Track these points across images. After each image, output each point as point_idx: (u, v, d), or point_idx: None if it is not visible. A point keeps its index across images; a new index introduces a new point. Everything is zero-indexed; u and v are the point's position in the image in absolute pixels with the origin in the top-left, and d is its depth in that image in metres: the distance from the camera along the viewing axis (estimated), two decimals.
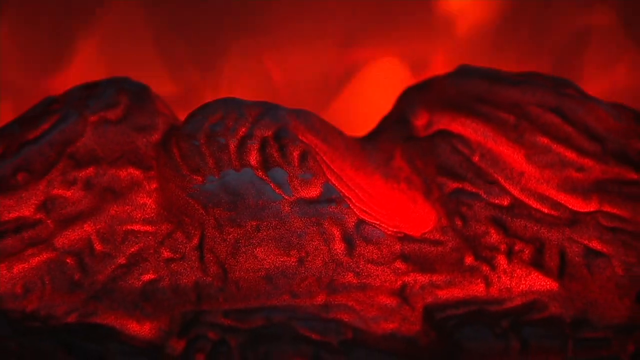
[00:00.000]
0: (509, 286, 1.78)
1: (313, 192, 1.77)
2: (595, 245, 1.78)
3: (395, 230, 1.80)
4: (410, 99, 1.99)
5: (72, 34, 2.72)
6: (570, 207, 1.82)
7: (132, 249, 1.78)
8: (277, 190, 1.75)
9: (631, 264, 1.77)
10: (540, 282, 1.78)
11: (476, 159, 1.87)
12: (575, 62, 2.80)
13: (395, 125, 1.98)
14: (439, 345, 1.73)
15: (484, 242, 1.79)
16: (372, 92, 2.85)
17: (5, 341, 1.68)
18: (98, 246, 1.78)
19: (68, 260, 1.77)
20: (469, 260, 1.79)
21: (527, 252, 1.79)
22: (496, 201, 1.82)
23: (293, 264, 1.75)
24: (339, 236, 1.76)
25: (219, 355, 1.68)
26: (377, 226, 1.78)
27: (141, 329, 1.74)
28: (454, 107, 1.91)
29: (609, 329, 1.73)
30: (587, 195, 1.83)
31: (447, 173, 1.86)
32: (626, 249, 1.78)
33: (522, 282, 1.78)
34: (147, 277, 1.77)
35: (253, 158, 1.78)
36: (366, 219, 1.78)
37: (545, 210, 1.82)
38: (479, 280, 1.78)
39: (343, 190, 1.80)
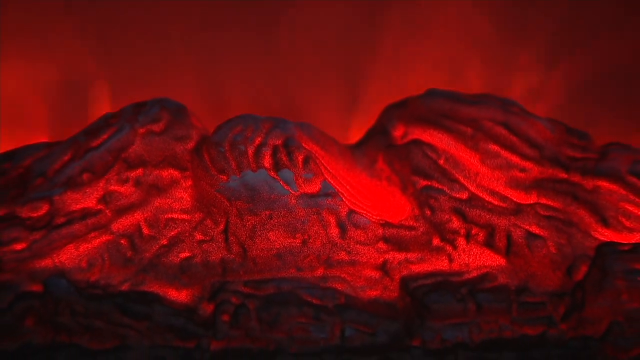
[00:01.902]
0: (467, 262, 1.89)
1: (314, 188, 1.87)
2: (534, 229, 1.89)
3: (378, 218, 1.90)
4: (389, 114, 2.07)
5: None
6: (515, 199, 1.93)
7: (172, 233, 1.88)
8: (285, 187, 1.86)
9: (562, 245, 1.88)
10: (491, 259, 1.89)
11: (442, 162, 1.96)
12: None
13: (378, 135, 2.07)
14: (412, 308, 1.83)
15: (447, 227, 1.90)
16: None
17: (74, 304, 1.79)
18: (145, 230, 1.88)
19: (122, 241, 1.87)
20: (436, 241, 1.90)
21: (481, 235, 1.90)
22: (457, 195, 1.93)
23: (298, 244, 1.85)
24: (334, 222, 1.87)
25: (240, 316, 1.79)
26: (364, 215, 1.89)
27: (179, 295, 1.84)
28: (425, 121, 2.00)
29: (545, 295, 1.84)
30: (528, 190, 1.94)
31: (419, 173, 1.96)
32: (559, 232, 1.90)
33: (477, 259, 1.89)
34: (184, 254, 1.87)
35: (266, 161, 1.87)
36: (355, 209, 1.89)
37: (496, 202, 1.93)
38: (444, 257, 1.90)
39: (337, 187, 1.90)
